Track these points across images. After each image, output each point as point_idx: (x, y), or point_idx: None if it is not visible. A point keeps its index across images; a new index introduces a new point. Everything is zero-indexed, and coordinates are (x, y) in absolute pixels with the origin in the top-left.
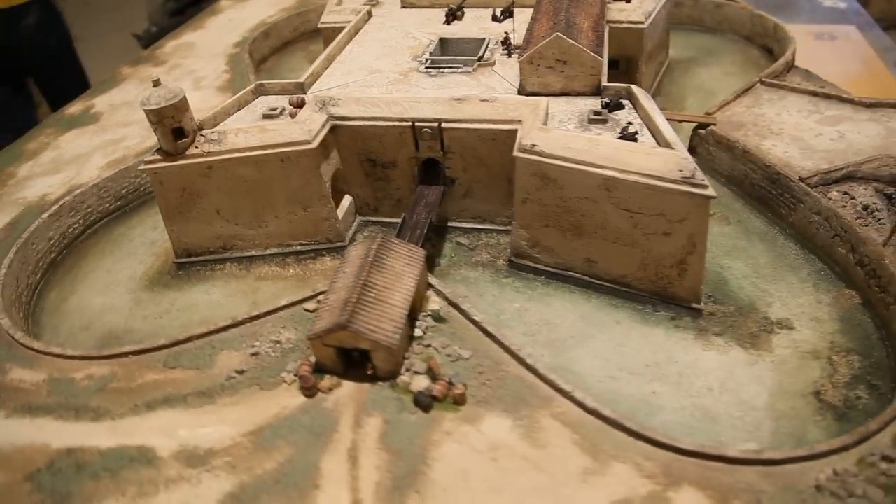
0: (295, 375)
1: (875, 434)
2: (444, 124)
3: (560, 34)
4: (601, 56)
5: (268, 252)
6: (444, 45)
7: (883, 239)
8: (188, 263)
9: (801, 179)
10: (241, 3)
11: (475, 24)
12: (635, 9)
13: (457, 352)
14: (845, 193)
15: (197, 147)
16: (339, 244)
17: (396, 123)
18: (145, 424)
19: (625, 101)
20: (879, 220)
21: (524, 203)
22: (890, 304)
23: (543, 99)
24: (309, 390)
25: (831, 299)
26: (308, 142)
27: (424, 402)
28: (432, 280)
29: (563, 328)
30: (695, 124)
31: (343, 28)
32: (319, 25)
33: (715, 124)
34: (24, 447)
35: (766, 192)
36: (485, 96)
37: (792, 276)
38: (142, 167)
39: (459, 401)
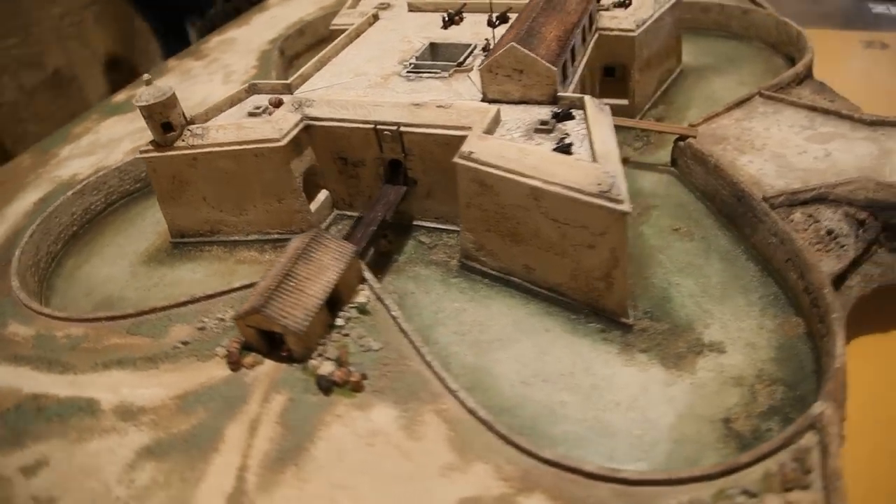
0: (226, 350)
1: (743, 468)
2: (402, 128)
3: (515, 44)
4: (557, 66)
5: (249, 238)
6: (434, 49)
7: (839, 267)
8: (182, 243)
9: (765, 199)
10: (287, 1)
11: (471, 28)
12: (627, 16)
13: (369, 343)
14: (810, 216)
15: (184, 140)
16: None
17: (361, 125)
18: (99, 381)
19: (577, 112)
20: (843, 246)
21: (468, 207)
22: (824, 335)
23: (495, 107)
24: (234, 365)
25: (776, 326)
26: (278, 140)
27: (325, 386)
28: (368, 275)
29: (494, 330)
30: (677, 136)
31: (365, 26)
32: (330, 28)
33: (695, 137)
34: (1, 388)
35: (733, 209)
36: (441, 102)
37: (741, 299)
38: (138, 155)
39: (357, 388)
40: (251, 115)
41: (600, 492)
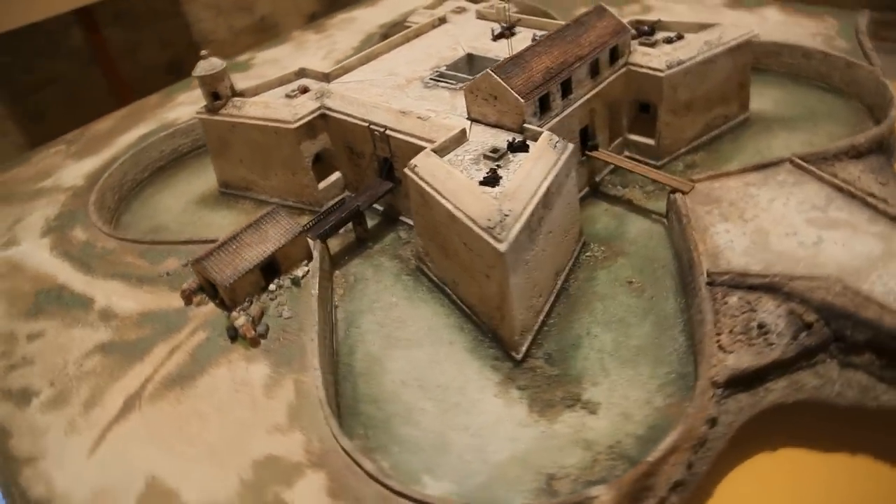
0: (185, 287)
1: None
2: (389, 131)
3: (490, 71)
4: (532, 97)
5: (272, 200)
6: (471, 60)
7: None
8: (225, 193)
9: (708, 273)
10: None
11: (519, 44)
12: (661, 55)
13: (284, 311)
14: (748, 303)
15: (227, 109)
16: (317, 209)
17: (359, 123)
18: (103, 286)
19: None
20: (771, 344)
21: (416, 214)
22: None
23: (462, 126)
24: (186, 300)
25: (663, 406)
26: (290, 122)
27: (232, 335)
28: (315, 254)
29: (409, 331)
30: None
31: (427, 27)
32: (405, 25)
33: (686, 192)
34: (44, 274)
35: (685, 277)
36: (422, 114)
37: (647, 369)
38: (195, 115)
39: (253, 344)
40: (287, 96)
41: (369, 489)
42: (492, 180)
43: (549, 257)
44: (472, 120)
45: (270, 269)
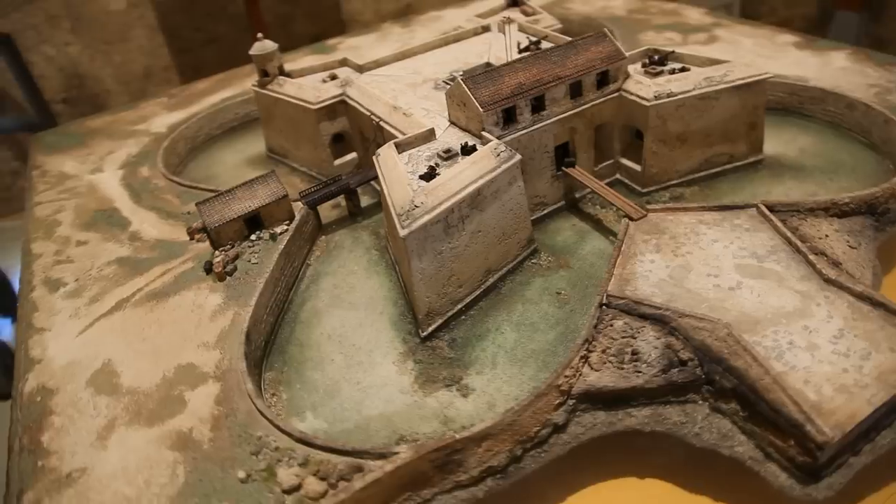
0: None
1: (346, 454)
2: (381, 122)
3: (460, 79)
4: (494, 109)
5: (301, 169)
6: (488, 69)
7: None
8: (270, 157)
9: (608, 295)
10: None
11: None
12: (651, 85)
13: (254, 258)
14: (630, 329)
15: (272, 85)
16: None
17: (365, 112)
18: (142, 214)
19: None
20: (638, 371)
21: (381, 198)
22: None
23: (431, 126)
24: (190, 235)
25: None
26: (312, 103)
27: (206, 268)
28: (298, 216)
29: (354, 295)
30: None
31: (469, 33)
32: (455, 28)
33: (633, 218)
34: (107, 197)
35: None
36: (406, 110)
37: (530, 371)
38: (251, 86)
39: (220, 278)
40: (323, 80)
41: (244, 404)
42: (429, 176)
43: (475, 255)
44: (452, 122)
45: (254, 222)
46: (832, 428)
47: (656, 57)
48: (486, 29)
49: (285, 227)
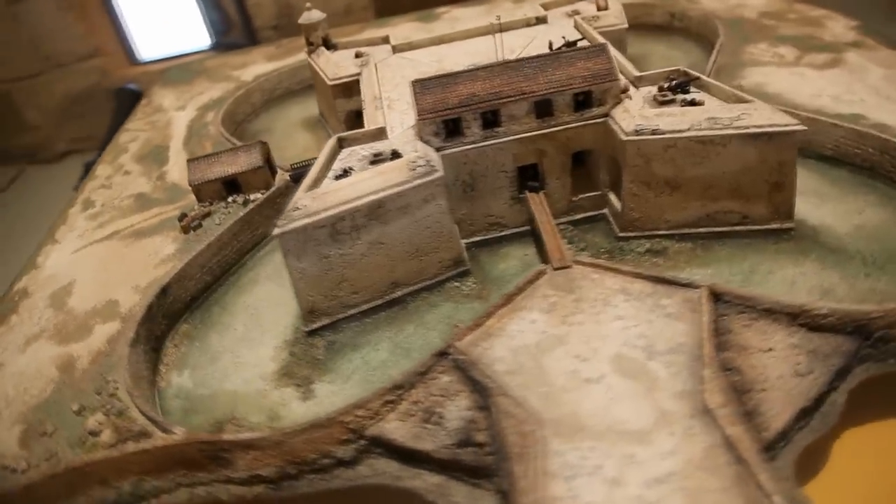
0: None
1: None
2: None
3: (412, 82)
4: (433, 115)
5: (330, 132)
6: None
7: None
8: (320, 121)
9: (450, 346)
10: None
11: None
12: (637, 116)
13: (225, 217)
14: (450, 389)
15: (312, 56)
16: None
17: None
18: (179, 157)
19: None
20: (433, 435)
21: None
22: None
23: (400, 123)
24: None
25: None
26: (330, 78)
27: (180, 218)
28: (274, 188)
29: None
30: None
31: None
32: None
33: (554, 268)
34: (171, 135)
35: None
36: (378, 103)
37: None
38: (303, 56)
39: (185, 231)
40: (356, 56)
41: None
42: (341, 177)
43: (376, 266)
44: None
45: (233, 185)
46: None
47: (674, 82)
48: (540, 21)
49: (259, 196)
